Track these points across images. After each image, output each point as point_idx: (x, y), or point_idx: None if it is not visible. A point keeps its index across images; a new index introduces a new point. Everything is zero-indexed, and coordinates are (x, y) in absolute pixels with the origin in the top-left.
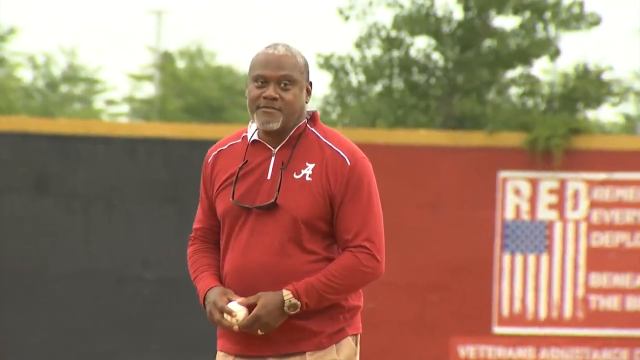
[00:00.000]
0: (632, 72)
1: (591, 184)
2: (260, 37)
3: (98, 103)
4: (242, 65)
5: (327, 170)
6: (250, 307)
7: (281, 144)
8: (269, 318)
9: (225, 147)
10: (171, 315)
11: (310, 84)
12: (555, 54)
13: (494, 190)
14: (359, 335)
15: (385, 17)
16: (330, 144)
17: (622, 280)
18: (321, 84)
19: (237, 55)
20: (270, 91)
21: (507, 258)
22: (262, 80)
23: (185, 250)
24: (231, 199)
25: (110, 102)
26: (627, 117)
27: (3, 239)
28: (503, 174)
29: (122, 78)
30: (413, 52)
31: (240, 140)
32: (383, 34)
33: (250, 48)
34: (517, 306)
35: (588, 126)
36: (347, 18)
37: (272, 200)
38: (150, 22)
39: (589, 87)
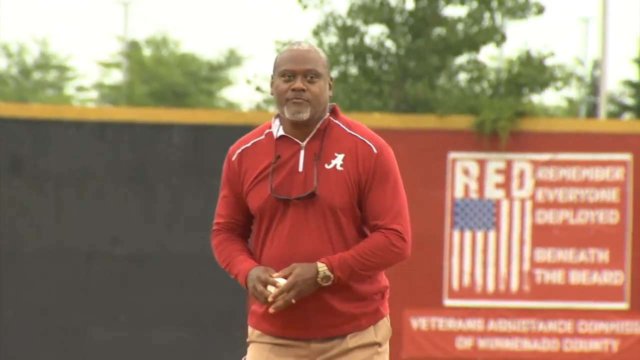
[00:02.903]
0: (575, 58)
1: (536, 164)
2: (222, 25)
3: (69, 89)
4: (205, 52)
5: (357, 159)
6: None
7: (309, 137)
8: (304, 285)
9: (249, 144)
10: (139, 290)
11: (332, 79)
12: (501, 41)
13: (444, 171)
14: (387, 317)
15: (341, 6)
16: (356, 134)
17: (565, 255)
18: None
19: (200, 43)
20: (298, 83)
21: (457, 235)
22: (289, 75)
23: (152, 229)
24: (270, 192)
25: (80, 89)
26: (570, 101)
27: None
28: (452, 155)
29: (92, 66)
30: (367, 40)
31: (263, 136)
32: (339, 22)
33: (212, 36)
34: (467, 280)
35: (533, 109)
36: (305, 7)
37: (312, 190)
38: (118, 12)
39: (533, 72)
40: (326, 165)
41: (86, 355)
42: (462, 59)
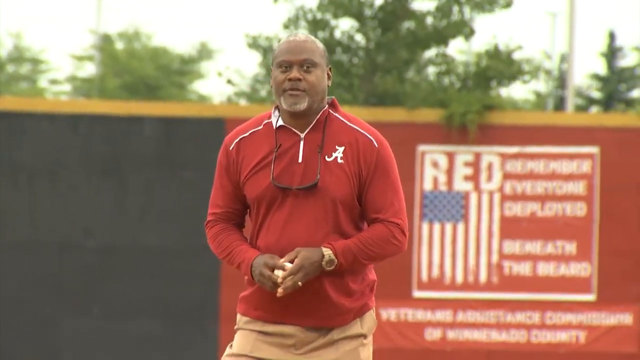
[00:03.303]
0: (543, 52)
1: (504, 157)
2: (194, 19)
3: (42, 82)
4: (176, 45)
5: (358, 152)
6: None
7: (308, 128)
8: (311, 268)
9: (247, 134)
10: (111, 282)
11: (330, 69)
12: (469, 35)
13: (413, 164)
14: (372, 309)
15: (311, 0)
16: (357, 127)
17: (533, 247)
18: (251, 63)
19: (171, 37)
20: (294, 73)
21: (426, 226)
22: (286, 65)
23: (125, 221)
24: (271, 180)
25: (53, 82)
26: (538, 94)
27: None
28: (422, 148)
29: (65, 59)
30: (337, 34)
31: (261, 126)
32: (309, 16)
33: (184, 30)
34: (436, 272)
35: (501, 103)
36: (276, 0)
37: (315, 181)
38: (90, 6)
39: (501, 66)
40: (327, 158)
41: (59, 346)
42: (431, 53)
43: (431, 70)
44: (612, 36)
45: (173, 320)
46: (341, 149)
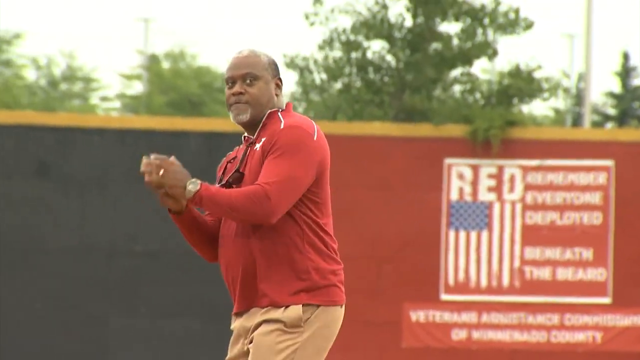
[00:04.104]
0: (561, 71)
1: (525, 169)
2: (235, 40)
3: (93, 99)
4: (219, 65)
5: (270, 136)
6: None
7: (256, 133)
8: (172, 176)
9: (232, 152)
10: (157, 283)
11: (280, 79)
12: (493, 55)
13: (440, 176)
14: (320, 307)
15: (345, 22)
16: (282, 119)
17: (553, 253)
18: (288, 82)
19: (214, 57)
20: (236, 88)
21: (452, 234)
22: (231, 82)
23: (168, 228)
24: (217, 184)
25: (104, 99)
26: (557, 111)
27: (9, 218)
28: (448, 161)
29: (115, 77)
30: (369, 54)
31: (242, 144)
32: (343, 37)
33: (226, 50)
34: (462, 276)
35: (522, 119)
36: (312, 23)
37: (236, 170)
38: (138, 27)
39: (522, 84)
40: (255, 149)
41: (108, 343)
42: (456, 72)
43: (457, 89)
44: (626, 56)
45: (213, 318)
46: (263, 139)
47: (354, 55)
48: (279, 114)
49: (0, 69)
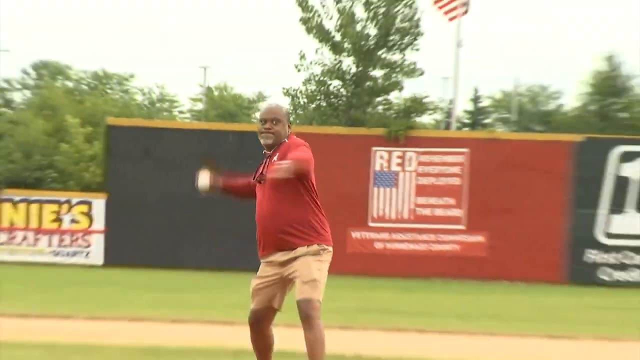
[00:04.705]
0: (439, 98)
1: (418, 153)
2: (256, 75)
3: (175, 112)
4: (246, 93)
5: (281, 152)
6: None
7: (272, 151)
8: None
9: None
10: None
11: (290, 123)
12: (401, 89)
13: (369, 157)
14: (324, 246)
15: (317, 70)
16: (288, 141)
17: (433, 200)
18: (285, 103)
19: (243, 88)
20: (267, 125)
21: (375, 190)
22: (263, 121)
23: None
24: (252, 178)
25: (181, 112)
26: (437, 121)
27: (131, 179)
28: (374, 149)
29: (187, 100)
30: (331, 88)
31: (265, 157)
32: (316, 78)
33: (250, 84)
34: (381, 212)
35: (416, 125)
36: (299, 70)
37: (261, 172)
38: (201, 71)
39: (417, 106)
40: (273, 160)
41: None
42: (380, 99)
43: (380, 108)
44: (476, 90)
45: None
46: (277, 155)
47: (322, 88)
48: (286, 140)
49: (122, 95)
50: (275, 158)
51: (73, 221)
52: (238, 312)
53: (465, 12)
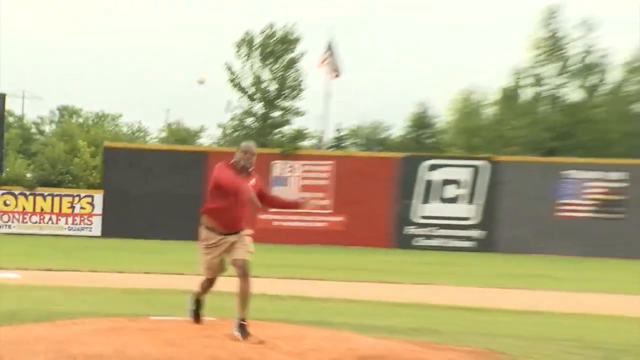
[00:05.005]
0: (318, 130)
1: (301, 164)
2: (202, 114)
3: (148, 140)
4: (194, 125)
5: (256, 178)
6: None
7: (246, 173)
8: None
9: (231, 170)
10: None
11: (255, 156)
12: (290, 124)
13: (269, 167)
14: (247, 229)
15: (239, 111)
16: (253, 170)
17: (311, 194)
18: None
19: (192, 121)
20: (248, 156)
21: (275, 188)
22: (248, 153)
23: None
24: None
25: (152, 138)
26: (313, 144)
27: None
28: (272, 162)
29: (155, 130)
30: (247, 123)
31: (238, 172)
32: (238, 117)
33: None
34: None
35: (300, 147)
36: (227, 113)
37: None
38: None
39: (299, 135)
40: (250, 178)
41: None
42: (277, 130)
43: (277, 136)
44: (339, 124)
45: None
46: (254, 178)
47: (241, 123)
48: (253, 167)
49: (114, 127)
50: (253, 180)
51: (81, 208)
52: (188, 267)
53: (338, 75)
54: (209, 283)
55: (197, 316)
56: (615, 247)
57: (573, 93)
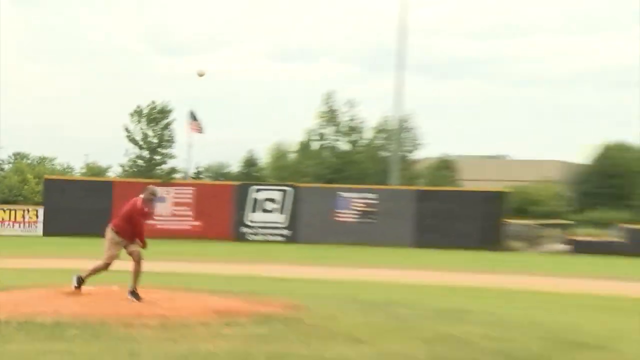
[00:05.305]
0: (183, 167)
1: (174, 189)
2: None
3: (74, 174)
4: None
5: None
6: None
7: (150, 207)
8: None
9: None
10: None
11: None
12: (166, 163)
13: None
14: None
15: (134, 155)
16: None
17: (180, 209)
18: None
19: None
20: (155, 200)
21: (158, 204)
22: (154, 198)
23: None
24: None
25: (75, 172)
26: (181, 177)
27: None
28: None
29: (79, 168)
30: (138, 162)
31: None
32: (133, 159)
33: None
34: (161, 213)
35: (173, 178)
36: (126, 155)
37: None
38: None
39: (173, 170)
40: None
41: None
42: (159, 168)
43: (159, 172)
44: (199, 166)
45: None
46: (152, 210)
47: (136, 163)
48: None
49: (51, 165)
50: (152, 209)
51: (29, 217)
52: (92, 253)
53: (201, 131)
54: (105, 267)
55: (79, 289)
56: (371, 239)
57: (343, 145)
